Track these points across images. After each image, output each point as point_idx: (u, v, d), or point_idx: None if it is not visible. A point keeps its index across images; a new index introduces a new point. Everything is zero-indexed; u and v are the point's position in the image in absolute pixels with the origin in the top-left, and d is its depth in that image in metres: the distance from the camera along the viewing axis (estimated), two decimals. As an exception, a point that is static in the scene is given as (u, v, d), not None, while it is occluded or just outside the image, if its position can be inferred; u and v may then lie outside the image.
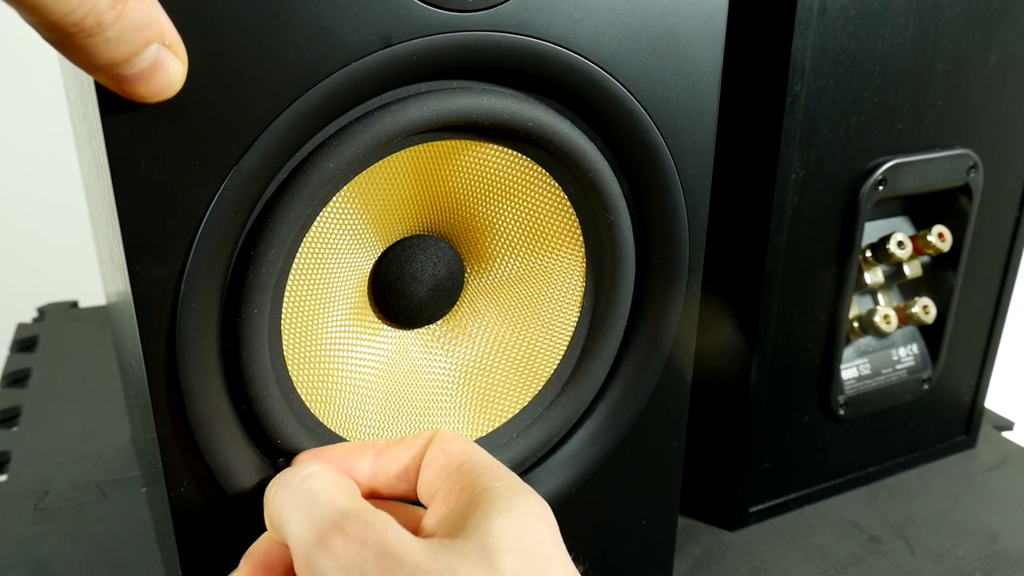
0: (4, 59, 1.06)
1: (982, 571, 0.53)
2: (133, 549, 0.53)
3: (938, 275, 0.58)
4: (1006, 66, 0.53)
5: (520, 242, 0.38)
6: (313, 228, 0.32)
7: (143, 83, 0.26)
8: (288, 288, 0.33)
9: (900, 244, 0.53)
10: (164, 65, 0.26)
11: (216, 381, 0.31)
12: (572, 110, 0.35)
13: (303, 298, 0.33)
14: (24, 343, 0.82)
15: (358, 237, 0.34)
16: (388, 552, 0.25)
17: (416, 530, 0.28)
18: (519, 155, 0.36)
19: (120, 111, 0.27)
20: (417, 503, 0.32)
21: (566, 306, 0.39)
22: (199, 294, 0.30)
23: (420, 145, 0.33)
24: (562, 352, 0.40)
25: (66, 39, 0.24)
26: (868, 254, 0.54)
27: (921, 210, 0.57)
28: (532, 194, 0.37)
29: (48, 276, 1.11)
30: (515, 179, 0.36)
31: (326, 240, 0.33)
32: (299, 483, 0.29)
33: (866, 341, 0.58)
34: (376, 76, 0.30)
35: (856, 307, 0.56)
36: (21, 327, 0.86)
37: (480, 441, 0.39)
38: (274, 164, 0.30)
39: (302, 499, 0.28)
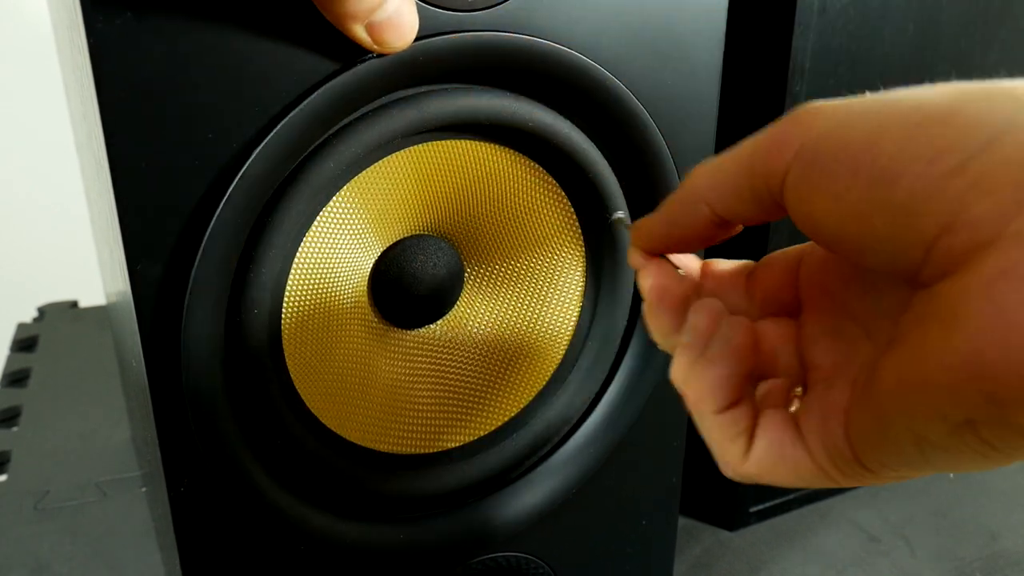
0: (4, 59, 1.06)
1: (982, 571, 0.53)
2: (133, 549, 0.53)
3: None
4: (1006, 66, 0.53)
5: (520, 242, 0.38)
6: (313, 228, 0.32)
7: (391, 30, 0.28)
8: (288, 288, 0.33)
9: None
10: (404, 12, 0.29)
11: (216, 381, 0.31)
12: (572, 110, 0.35)
13: (303, 298, 0.33)
14: (24, 343, 0.82)
15: (358, 237, 0.34)
16: None
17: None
18: (519, 155, 0.36)
19: (120, 111, 0.27)
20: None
21: (566, 306, 0.39)
22: (204, 297, 0.30)
23: (420, 145, 0.33)
24: (562, 352, 0.40)
25: None
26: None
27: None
28: (532, 194, 0.37)
29: (48, 276, 1.11)
30: (515, 179, 0.36)
31: (326, 240, 0.33)
32: None
33: (866, 341, 0.58)
34: (378, 77, 0.30)
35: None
36: (21, 327, 0.86)
37: (480, 441, 0.39)
38: (279, 167, 0.30)
39: None
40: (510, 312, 0.39)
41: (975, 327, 0.18)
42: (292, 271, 0.33)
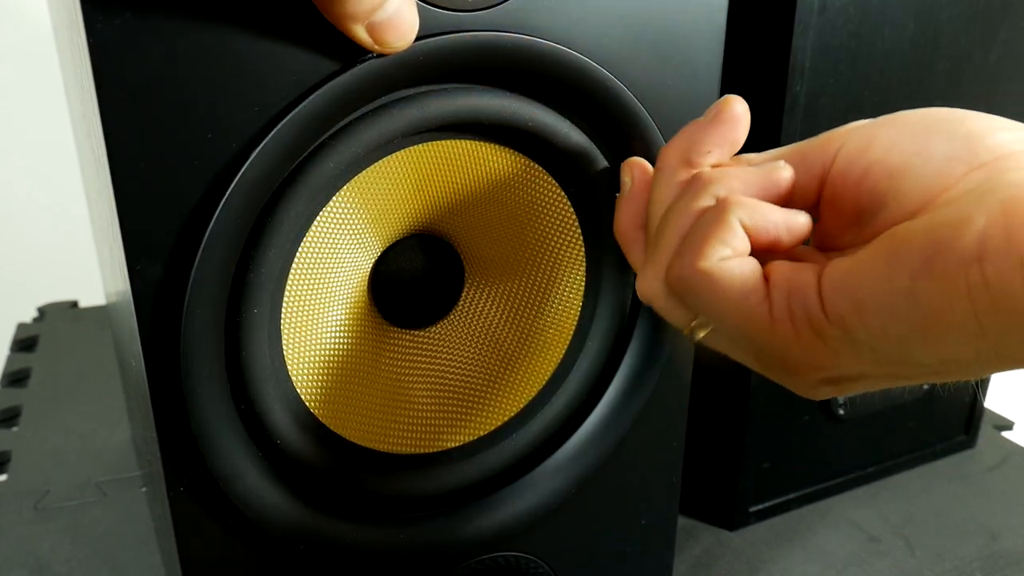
0: (4, 59, 1.06)
1: (982, 571, 0.53)
2: (133, 549, 0.53)
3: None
4: (1007, 65, 0.53)
5: (520, 242, 0.38)
6: (313, 228, 0.32)
7: (392, 30, 0.29)
8: (288, 288, 0.33)
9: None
10: (405, 12, 0.29)
11: (216, 381, 0.31)
12: (572, 110, 0.35)
13: (303, 298, 0.33)
14: (24, 343, 0.82)
15: (358, 237, 0.34)
16: None
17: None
18: (519, 155, 0.36)
19: (120, 111, 0.27)
20: None
21: (566, 306, 0.39)
22: (203, 297, 0.30)
23: (420, 145, 0.33)
24: (562, 351, 0.40)
25: None
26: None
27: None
28: (532, 194, 0.37)
29: (48, 276, 1.11)
30: (515, 179, 0.36)
31: (326, 240, 0.33)
32: None
33: (866, 341, 0.58)
34: (378, 77, 0.30)
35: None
36: (21, 327, 0.86)
37: (480, 441, 0.39)
38: (278, 167, 0.30)
39: None
40: (510, 312, 0.39)
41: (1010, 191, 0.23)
42: (292, 271, 0.32)
